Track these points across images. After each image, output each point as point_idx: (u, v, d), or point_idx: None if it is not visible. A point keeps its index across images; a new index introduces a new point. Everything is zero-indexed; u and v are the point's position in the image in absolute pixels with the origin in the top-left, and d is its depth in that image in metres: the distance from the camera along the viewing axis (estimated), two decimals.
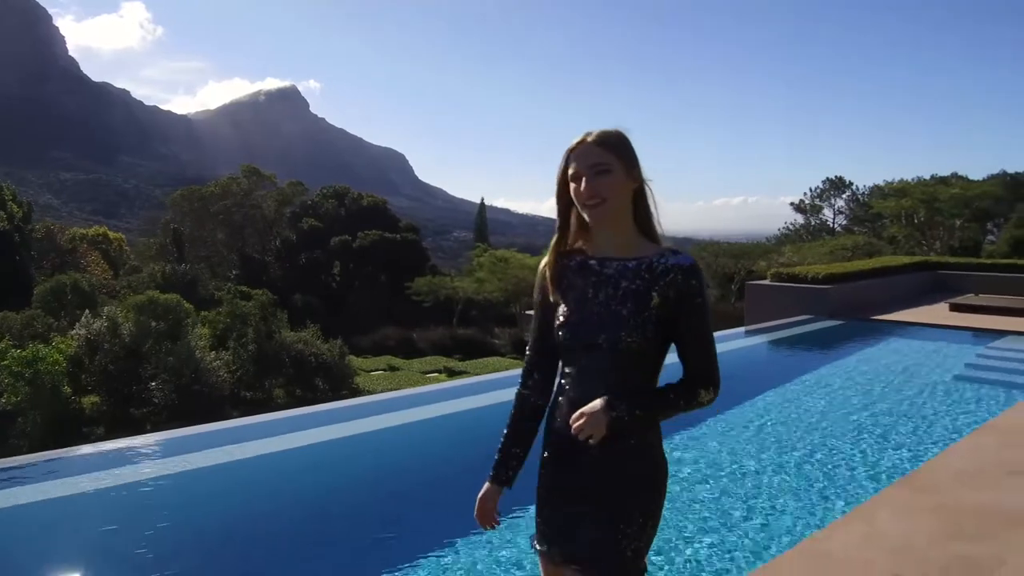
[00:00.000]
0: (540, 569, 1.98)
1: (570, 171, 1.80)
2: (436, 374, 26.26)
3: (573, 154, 1.80)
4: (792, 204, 58.66)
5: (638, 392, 1.78)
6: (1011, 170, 37.37)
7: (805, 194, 57.92)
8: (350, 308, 46.09)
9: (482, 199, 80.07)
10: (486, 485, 1.97)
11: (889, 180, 42.26)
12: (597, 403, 1.73)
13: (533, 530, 1.97)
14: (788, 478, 4.69)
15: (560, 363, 1.89)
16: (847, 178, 56.83)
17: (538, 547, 1.92)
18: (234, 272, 47.61)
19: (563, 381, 1.88)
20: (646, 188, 1.83)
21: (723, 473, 4.73)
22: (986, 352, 9.04)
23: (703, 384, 1.78)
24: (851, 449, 5.31)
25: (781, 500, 4.26)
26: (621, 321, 1.75)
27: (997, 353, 8.97)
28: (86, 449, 5.75)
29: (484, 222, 76.31)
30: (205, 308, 26.89)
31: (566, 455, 1.84)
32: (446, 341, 33.10)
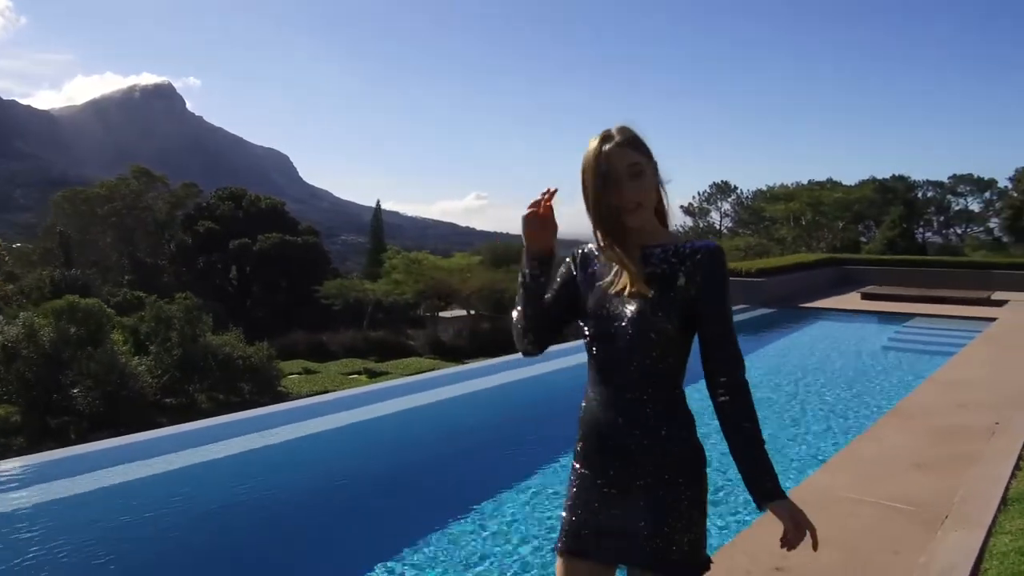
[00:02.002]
0: (562, 574, 1.84)
1: (602, 173, 1.72)
2: (357, 376, 26.41)
3: (603, 156, 1.73)
4: (681, 207, 61.94)
5: (739, 454, 1.72)
6: (879, 176, 41.39)
7: (694, 197, 61.21)
8: (251, 312, 45.15)
9: (378, 202, 79.47)
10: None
11: (771, 184, 45.72)
12: (785, 517, 1.65)
13: (554, 534, 1.88)
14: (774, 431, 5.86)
15: (588, 356, 1.84)
16: (732, 182, 60.45)
17: (569, 549, 1.81)
18: (126, 277, 45.62)
19: (593, 372, 1.82)
20: (660, 180, 1.81)
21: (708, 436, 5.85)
22: (902, 330, 10.77)
23: (735, 365, 1.75)
24: (818, 403, 6.70)
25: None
26: (648, 304, 1.71)
27: (911, 331, 10.75)
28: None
29: (380, 225, 75.79)
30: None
31: (603, 451, 1.78)
32: (359, 343, 33.14)
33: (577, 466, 1.84)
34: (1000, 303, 12.37)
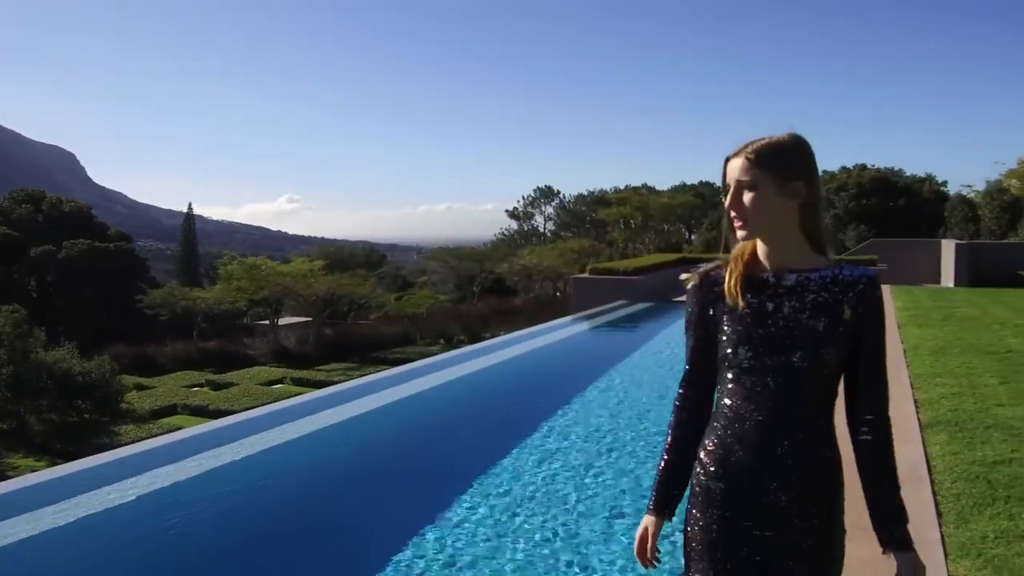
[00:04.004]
0: None
1: (725, 181, 1.71)
2: (199, 388, 25.42)
3: (724, 168, 1.71)
4: (507, 211, 64.07)
5: (876, 491, 1.69)
6: (689, 182, 45.79)
7: (519, 201, 63.49)
8: (55, 326, 41.43)
9: (190, 205, 75.61)
10: (648, 518, 1.80)
11: (592, 189, 48.65)
12: (908, 570, 1.63)
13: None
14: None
15: (732, 386, 1.71)
16: (555, 187, 63.34)
17: None
18: None
19: (743, 408, 1.69)
20: (816, 200, 1.69)
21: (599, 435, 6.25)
22: None
23: (884, 403, 1.71)
24: None
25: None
26: (818, 335, 1.64)
27: None
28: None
29: (193, 230, 72.23)
30: None
31: (757, 490, 1.67)
32: (192, 355, 31.63)
33: (718, 508, 1.71)
34: None
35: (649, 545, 1.79)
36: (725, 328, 1.70)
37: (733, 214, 1.67)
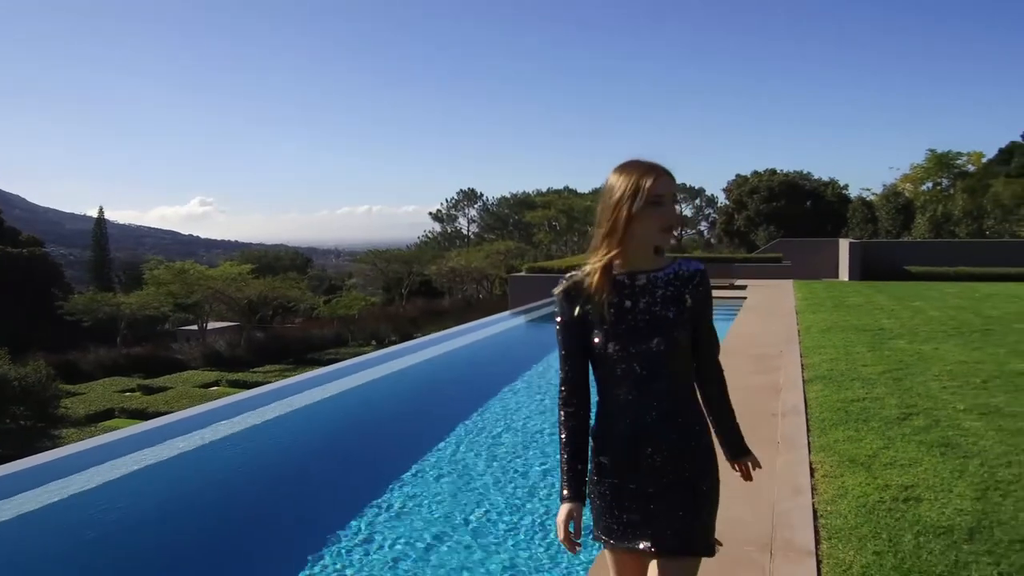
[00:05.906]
0: (610, 563, 2.15)
1: (656, 192, 1.92)
2: (131, 393, 25.44)
3: (657, 181, 1.93)
4: (430, 213, 64.68)
5: (723, 426, 2.16)
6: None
7: (442, 204, 64.23)
8: None
9: (101, 209, 73.05)
10: (567, 507, 2.00)
11: (515, 192, 49.92)
12: (749, 465, 2.20)
13: (589, 530, 2.11)
14: None
15: (603, 374, 2.02)
16: (478, 190, 64.22)
17: (615, 542, 2.04)
18: None
19: (617, 390, 1.99)
20: None
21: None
22: None
23: (719, 367, 2.13)
24: None
25: None
26: (670, 323, 1.97)
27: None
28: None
29: (104, 234, 70.08)
30: None
31: (638, 457, 1.99)
32: (119, 360, 31.38)
33: (608, 474, 2.04)
34: (743, 287, 16.60)
35: (574, 530, 1.99)
36: (595, 327, 2.00)
37: (678, 221, 2.01)
